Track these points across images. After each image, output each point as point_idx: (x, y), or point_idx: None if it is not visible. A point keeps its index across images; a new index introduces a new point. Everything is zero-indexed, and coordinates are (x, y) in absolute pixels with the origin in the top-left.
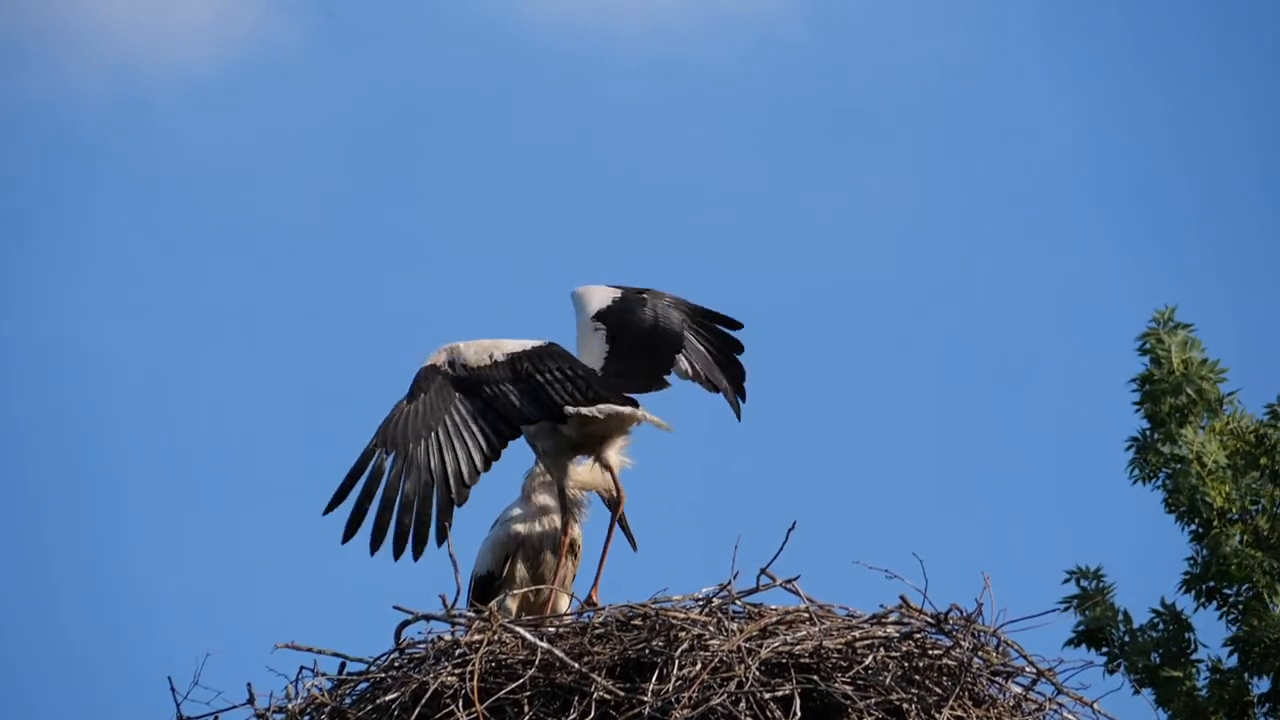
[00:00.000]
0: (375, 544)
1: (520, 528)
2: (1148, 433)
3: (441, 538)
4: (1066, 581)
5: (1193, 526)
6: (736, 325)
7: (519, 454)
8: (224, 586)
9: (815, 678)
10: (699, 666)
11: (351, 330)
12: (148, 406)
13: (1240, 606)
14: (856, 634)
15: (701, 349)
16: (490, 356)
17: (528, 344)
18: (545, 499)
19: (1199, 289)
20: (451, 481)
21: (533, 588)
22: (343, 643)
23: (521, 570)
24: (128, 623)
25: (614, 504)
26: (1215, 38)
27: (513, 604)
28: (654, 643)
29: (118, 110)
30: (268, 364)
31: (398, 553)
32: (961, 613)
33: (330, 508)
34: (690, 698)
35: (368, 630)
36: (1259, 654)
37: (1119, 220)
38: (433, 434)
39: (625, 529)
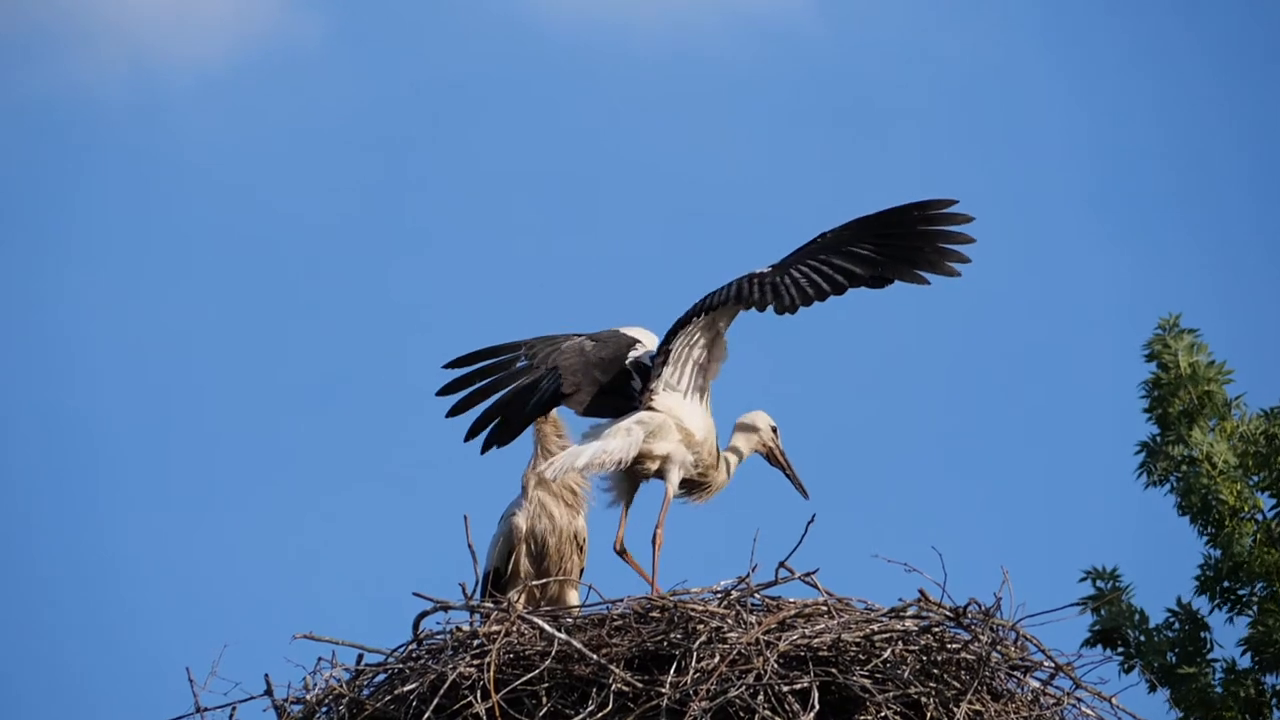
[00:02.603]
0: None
1: (521, 521)
2: (1156, 438)
3: (513, 434)
4: (1083, 580)
5: (1207, 528)
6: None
7: (519, 449)
8: (242, 577)
9: (833, 671)
10: (717, 659)
11: (366, 326)
12: (159, 400)
13: (1255, 607)
14: (875, 627)
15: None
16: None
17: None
18: (544, 493)
19: (1206, 292)
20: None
21: (538, 582)
22: (360, 634)
23: (526, 565)
24: (145, 614)
25: (772, 457)
26: (1218, 42)
27: (520, 600)
28: (672, 635)
29: (133, 106)
30: (282, 358)
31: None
32: (980, 607)
33: (453, 365)
34: (708, 690)
35: (385, 621)
36: (1273, 654)
37: (1136, 222)
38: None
39: (793, 477)
